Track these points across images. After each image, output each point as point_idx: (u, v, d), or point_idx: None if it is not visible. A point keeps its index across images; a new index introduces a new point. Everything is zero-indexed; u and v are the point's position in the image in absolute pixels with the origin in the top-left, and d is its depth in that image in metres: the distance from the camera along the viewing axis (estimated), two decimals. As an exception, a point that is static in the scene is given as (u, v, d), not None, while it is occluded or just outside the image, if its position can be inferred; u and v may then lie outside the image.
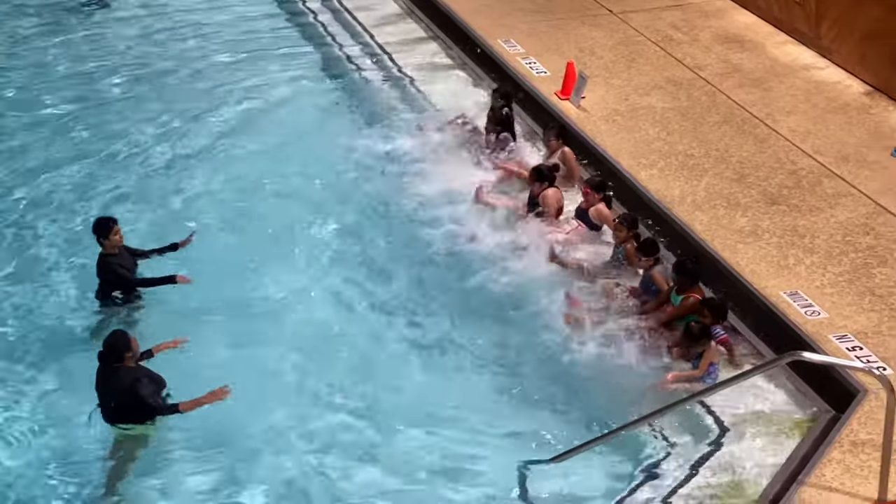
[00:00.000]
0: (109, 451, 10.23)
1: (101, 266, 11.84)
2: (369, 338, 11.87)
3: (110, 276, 11.80)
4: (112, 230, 11.75)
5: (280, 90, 17.14)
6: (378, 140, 15.45)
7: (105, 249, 11.81)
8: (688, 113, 15.03)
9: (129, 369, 10.06)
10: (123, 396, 10.02)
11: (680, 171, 13.63)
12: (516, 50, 16.90)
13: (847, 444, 9.44)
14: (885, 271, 11.64)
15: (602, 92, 15.57)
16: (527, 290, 12.37)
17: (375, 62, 17.89)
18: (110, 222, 11.86)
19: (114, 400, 10.11)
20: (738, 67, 16.23)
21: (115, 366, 10.05)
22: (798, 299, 11.23)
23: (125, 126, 16.03)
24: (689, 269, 11.44)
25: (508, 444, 10.36)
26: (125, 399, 10.03)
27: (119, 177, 14.74)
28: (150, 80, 17.54)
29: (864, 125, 14.57)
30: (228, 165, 15.06)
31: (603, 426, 10.31)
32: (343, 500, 9.84)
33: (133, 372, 10.08)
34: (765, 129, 14.53)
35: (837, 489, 8.97)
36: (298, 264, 12.94)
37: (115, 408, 10.15)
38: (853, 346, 10.55)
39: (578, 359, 11.31)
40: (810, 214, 12.68)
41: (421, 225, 13.64)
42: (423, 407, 10.84)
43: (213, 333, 11.62)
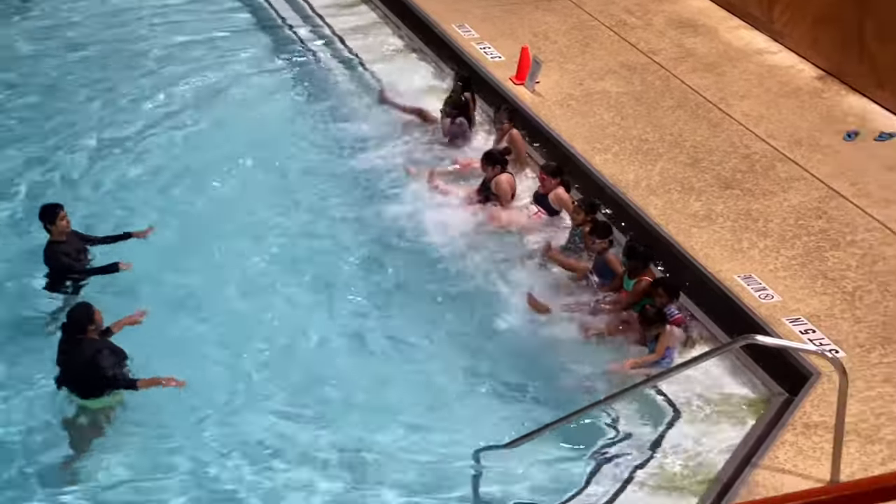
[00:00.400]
0: (68, 423, 10.31)
1: (48, 253, 11.76)
2: (321, 325, 11.84)
3: (54, 263, 11.71)
4: (58, 216, 11.65)
5: (232, 77, 17.03)
6: (332, 125, 15.40)
7: (52, 236, 11.72)
8: (642, 97, 15.06)
9: (91, 341, 10.13)
10: (84, 368, 10.10)
11: (634, 156, 13.65)
12: (471, 35, 16.87)
13: (800, 427, 9.50)
14: (837, 255, 11.71)
15: (556, 77, 15.57)
16: (480, 275, 12.37)
17: (328, 47, 17.80)
18: (56, 208, 11.77)
19: (75, 371, 10.18)
20: (692, 52, 16.28)
21: (78, 338, 10.09)
22: (752, 283, 11.28)
23: (67, 111, 15.91)
24: (641, 252, 11.45)
25: (463, 431, 10.34)
26: (86, 370, 10.11)
27: (59, 163, 14.64)
28: (93, 64, 17.37)
29: (816, 109, 14.65)
30: (175, 150, 15.00)
31: (559, 411, 10.31)
32: (289, 486, 9.82)
33: (95, 344, 10.14)
34: (718, 114, 14.58)
35: (790, 471, 9.02)
36: (247, 248, 12.92)
37: (77, 379, 10.21)
38: (806, 329, 10.60)
39: (533, 344, 11.33)
40: (764, 198, 12.73)
41: (375, 210, 13.62)
42: (375, 395, 10.81)
43: (167, 320, 11.54)
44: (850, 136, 13.89)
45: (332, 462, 10.05)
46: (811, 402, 9.75)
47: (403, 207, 13.43)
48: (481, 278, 12.39)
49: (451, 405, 10.71)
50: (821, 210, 12.48)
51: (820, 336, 10.50)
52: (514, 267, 12.40)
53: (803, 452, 9.21)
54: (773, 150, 13.68)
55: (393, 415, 10.54)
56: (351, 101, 16.18)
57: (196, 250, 12.79)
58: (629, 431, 10.17)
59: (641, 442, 9.97)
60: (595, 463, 9.84)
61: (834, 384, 8.99)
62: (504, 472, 9.83)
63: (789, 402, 9.95)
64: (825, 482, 8.84)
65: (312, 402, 10.75)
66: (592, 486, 9.54)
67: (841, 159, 13.46)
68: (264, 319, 11.80)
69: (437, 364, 11.27)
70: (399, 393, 10.85)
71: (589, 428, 10.23)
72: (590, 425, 10.25)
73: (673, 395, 10.42)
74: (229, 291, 12.24)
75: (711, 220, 12.35)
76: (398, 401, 10.73)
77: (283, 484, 9.84)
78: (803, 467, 9.04)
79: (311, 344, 11.55)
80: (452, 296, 12.21)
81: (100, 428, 10.31)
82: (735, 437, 9.74)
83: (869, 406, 9.61)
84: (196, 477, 9.91)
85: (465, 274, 12.49)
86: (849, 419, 9.00)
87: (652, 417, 10.27)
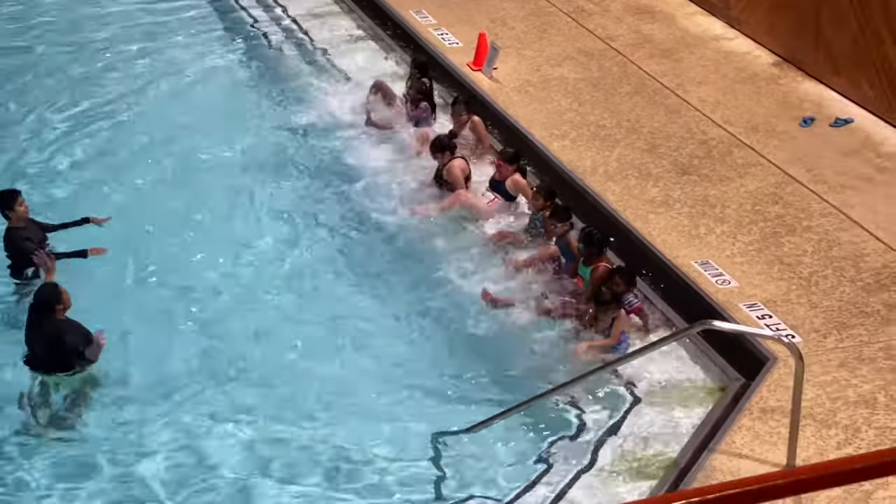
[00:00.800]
0: (35, 399, 10.42)
1: (7, 239, 11.67)
2: (288, 309, 11.85)
3: (13, 249, 11.62)
4: (16, 201, 11.57)
5: (190, 63, 16.92)
6: (293, 112, 15.35)
7: (11, 223, 11.64)
8: (599, 84, 15.06)
9: (58, 321, 10.27)
10: (55, 345, 10.26)
11: (592, 142, 13.66)
12: (428, 21, 16.82)
13: (757, 412, 9.53)
14: (793, 240, 11.77)
15: (514, 63, 15.55)
16: (438, 262, 12.35)
17: (286, 34, 17.71)
18: (14, 194, 11.70)
19: (44, 349, 10.34)
20: (649, 38, 16.30)
21: (47, 316, 10.25)
22: (709, 268, 11.31)
23: (24, 103, 15.72)
24: (598, 239, 11.44)
25: (422, 416, 10.32)
26: (55, 347, 10.27)
27: (20, 155, 14.48)
28: (52, 56, 17.18)
29: (772, 95, 14.71)
30: (137, 138, 14.88)
31: (517, 396, 10.31)
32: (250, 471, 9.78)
33: (62, 323, 10.30)
34: (675, 100, 14.61)
35: (747, 456, 9.05)
36: (216, 234, 12.91)
37: (45, 356, 10.36)
38: (763, 315, 10.65)
39: (491, 329, 11.33)
40: (720, 184, 12.77)
41: (343, 194, 13.64)
42: (332, 382, 10.78)
43: (136, 305, 11.64)
44: (805, 122, 13.96)
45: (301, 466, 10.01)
46: (768, 387, 9.79)
47: (383, 198, 13.38)
48: (437, 264, 12.36)
49: (405, 391, 10.67)
50: (777, 196, 12.53)
51: (776, 321, 10.55)
52: (471, 253, 12.37)
53: (760, 437, 9.25)
54: (730, 136, 13.72)
55: (349, 401, 10.51)
56: (304, 87, 16.07)
57: (159, 239, 12.76)
58: (587, 416, 10.17)
59: (599, 427, 9.98)
60: (553, 448, 9.84)
61: (790, 369, 9.03)
62: (462, 457, 9.81)
63: (746, 387, 9.99)
64: (781, 466, 8.88)
65: (265, 389, 10.74)
66: (550, 471, 9.53)
67: (797, 145, 13.52)
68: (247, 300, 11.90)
69: (390, 350, 11.24)
70: (352, 380, 10.81)
71: (547, 413, 10.24)
72: (548, 410, 10.26)
73: (630, 380, 10.44)
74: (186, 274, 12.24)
75: (669, 205, 12.37)
76: (353, 388, 10.69)
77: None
78: (760, 452, 9.08)
79: (272, 332, 11.50)
80: (408, 282, 12.18)
81: (73, 405, 10.42)
82: (692, 422, 9.78)
83: (825, 391, 9.66)
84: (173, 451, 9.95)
85: (421, 259, 12.45)
86: (805, 404, 9.06)
87: (610, 402, 10.28)
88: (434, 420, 10.20)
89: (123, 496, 9.51)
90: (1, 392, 10.53)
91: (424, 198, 13.29)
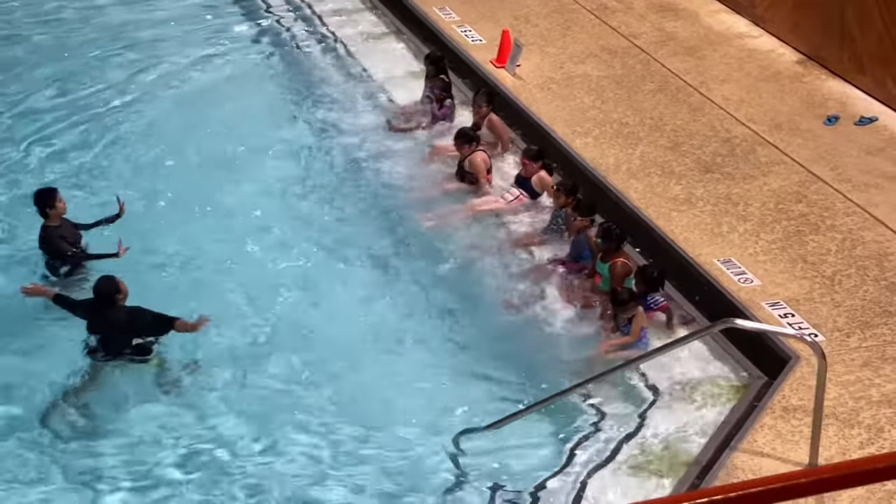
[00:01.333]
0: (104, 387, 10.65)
1: (43, 238, 11.75)
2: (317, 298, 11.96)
3: (50, 247, 11.71)
4: (56, 199, 11.65)
5: (216, 61, 16.96)
6: (315, 110, 15.41)
7: (48, 221, 11.71)
8: (622, 81, 15.04)
9: (123, 307, 10.58)
10: (126, 330, 10.61)
11: (615, 140, 13.65)
12: (451, 18, 16.82)
13: (779, 410, 9.52)
14: (816, 239, 11.73)
15: (537, 60, 15.54)
16: (459, 259, 12.38)
17: (310, 31, 17.74)
18: (53, 192, 11.75)
19: (117, 338, 10.64)
20: (673, 36, 16.26)
21: (111, 307, 10.50)
22: (731, 267, 11.29)
23: (53, 102, 15.80)
24: (616, 234, 11.41)
25: (443, 413, 10.34)
26: (127, 332, 10.62)
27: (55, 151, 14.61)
28: (74, 52, 17.23)
29: (797, 94, 14.65)
30: (168, 139, 14.92)
31: (538, 394, 10.32)
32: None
33: (126, 309, 10.60)
34: (699, 98, 14.58)
35: (769, 454, 9.04)
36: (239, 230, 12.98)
37: (119, 342, 10.66)
38: (785, 314, 10.62)
39: (512, 328, 11.33)
40: (744, 182, 12.74)
41: (365, 192, 13.70)
42: (352, 384, 10.81)
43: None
44: (830, 120, 13.91)
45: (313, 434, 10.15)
46: (790, 385, 9.78)
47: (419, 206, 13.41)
48: (461, 262, 12.37)
49: (429, 389, 10.69)
50: (801, 194, 12.49)
51: (799, 320, 10.52)
52: (494, 252, 12.38)
53: (782, 436, 9.23)
54: (754, 135, 13.68)
55: (372, 396, 10.55)
56: (328, 85, 16.10)
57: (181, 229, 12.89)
58: (608, 414, 10.18)
59: (620, 424, 9.98)
60: (574, 445, 9.85)
61: (813, 368, 9.02)
62: (483, 454, 9.83)
63: (768, 385, 9.98)
64: (804, 465, 8.88)
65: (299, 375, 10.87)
66: (571, 467, 9.55)
67: (821, 144, 13.47)
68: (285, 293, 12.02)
69: (415, 347, 11.27)
70: (377, 375, 10.84)
71: (568, 410, 10.25)
72: (569, 408, 10.27)
73: (652, 378, 10.44)
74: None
75: (691, 203, 12.35)
76: (376, 383, 10.72)
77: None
78: (782, 451, 9.07)
79: (304, 321, 11.63)
80: (433, 280, 12.19)
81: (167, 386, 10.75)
82: (714, 421, 9.76)
83: (847, 390, 9.64)
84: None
85: (445, 258, 12.47)
86: (827, 403, 9.05)
87: (631, 400, 10.28)
88: (456, 417, 10.22)
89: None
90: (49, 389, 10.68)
91: (444, 199, 13.29)
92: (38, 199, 11.72)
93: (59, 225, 11.72)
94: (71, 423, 10.31)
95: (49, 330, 11.21)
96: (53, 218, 11.68)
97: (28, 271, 11.94)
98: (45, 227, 11.73)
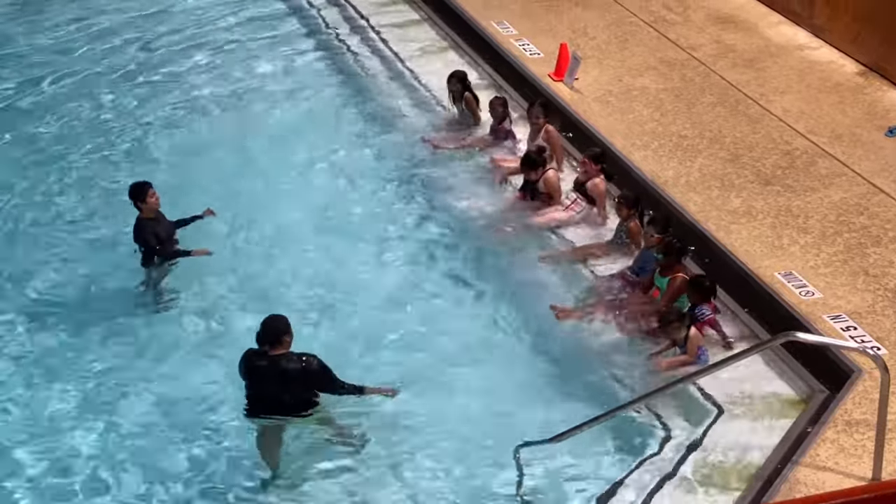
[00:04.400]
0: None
1: (137, 229, 12.14)
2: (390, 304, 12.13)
3: (137, 237, 12.10)
4: (148, 193, 11.98)
5: (278, 77, 17.19)
6: (371, 125, 15.56)
7: (142, 214, 12.06)
8: (681, 94, 15.02)
9: (289, 354, 9.69)
10: (299, 383, 9.73)
11: (674, 153, 13.62)
12: (509, 32, 16.87)
13: (841, 424, 9.46)
14: (878, 251, 11.65)
15: (595, 73, 15.55)
16: (517, 271, 12.44)
17: (367, 44, 17.86)
18: (145, 186, 12.08)
19: (284, 390, 9.73)
20: (732, 48, 16.21)
21: (277, 352, 9.64)
22: (792, 280, 11.23)
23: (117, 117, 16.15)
24: (678, 248, 11.37)
25: (508, 425, 10.36)
26: (302, 386, 9.76)
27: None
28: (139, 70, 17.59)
29: (857, 105, 14.56)
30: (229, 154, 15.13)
31: (600, 407, 10.31)
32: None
33: (293, 356, 9.70)
34: (758, 110, 14.52)
35: (832, 469, 8.99)
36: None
37: (287, 398, 9.80)
38: (847, 327, 10.56)
39: (571, 341, 11.34)
40: (804, 194, 12.68)
41: (423, 207, 13.84)
42: (419, 392, 10.85)
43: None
44: (892, 131, 13.80)
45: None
46: (852, 399, 9.72)
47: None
48: (518, 273, 12.40)
49: (488, 403, 10.72)
50: (862, 206, 12.41)
51: (861, 333, 10.46)
52: (549, 264, 12.41)
53: (845, 450, 9.18)
54: (814, 146, 13.61)
55: (432, 413, 10.60)
56: (388, 100, 16.22)
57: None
58: (670, 428, 10.16)
59: (683, 438, 9.97)
60: (637, 458, 9.85)
61: (875, 381, 8.96)
62: (546, 466, 9.85)
63: (830, 399, 9.92)
64: (867, 480, 8.82)
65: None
66: (634, 480, 9.55)
67: (883, 155, 13.37)
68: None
69: (476, 361, 11.30)
70: (434, 396, 10.89)
71: (630, 424, 10.25)
72: (631, 422, 10.27)
73: (713, 392, 10.40)
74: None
75: (751, 216, 12.30)
76: (437, 405, 10.77)
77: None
78: (845, 465, 9.01)
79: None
80: (485, 292, 12.24)
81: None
82: (776, 435, 9.72)
83: (911, 404, 9.56)
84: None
85: (500, 268, 12.50)
86: (891, 417, 8.98)
87: (693, 414, 10.25)
88: (517, 430, 10.24)
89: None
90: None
91: (511, 214, 13.34)
92: (131, 193, 12.10)
93: (152, 218, 12.08)
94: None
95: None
96: (146, 211, 12.04)
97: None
98: (138, 220, 12.11)
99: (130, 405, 10.78)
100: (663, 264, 11.36)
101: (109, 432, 10.46)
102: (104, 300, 12.20)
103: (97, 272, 12.61)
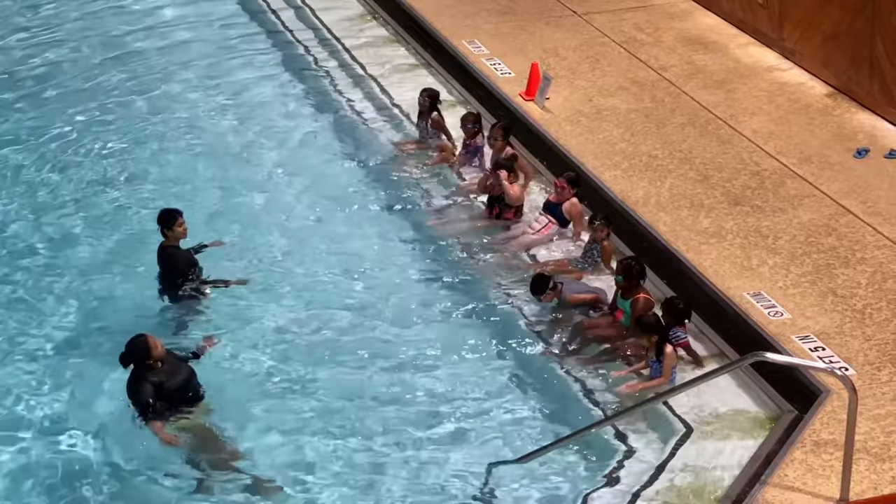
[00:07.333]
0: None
1: (161, 256, 12.03)
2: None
3: (162, 267, 12.01)
4: (176, 222, 11.88)
5: (237, 89, 17.27)
6: (341, 142, 15.55)
7: (167, 241, 11.96)
8: (651, 114, 15.06)
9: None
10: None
11: (644, 173, 13.65)
12: (481, 51, 16.89)
13: (810, 445, 9.47)
14: (847, 272, 11.69)
15: (566, 93, 15.58)
16: (488, 291, 12.40)
17: (337, 63, 17.85)
18: (175, 213, 11.97)
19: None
20: (702, 69, 16.27)
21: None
22: (761, 300, 11.26)
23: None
24: (637, 270, 11.36)
25: (475, 445, 10.34)
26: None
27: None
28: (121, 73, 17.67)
29: (826, 126, 14.63)
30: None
31: (568, 428, 10.30)
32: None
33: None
34: (728, 131, 14.57)
35: (800, 489, 9.00)
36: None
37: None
38: (815, 347, 10.58)
39: (544, 362, 11.33)
40: (773, 215, 12.72)
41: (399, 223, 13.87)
42: (386, 409, 10.83)
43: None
44: (860, 153, 13.87)
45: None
46: (821, 419, 9.73)
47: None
48: (489, 294, 12.41)
49: (458, 419, 10.69)
50: (830, 227, 12.46)
51: (829, 354, 10.48)
52: (521, 281, 12.41)
53: (813, 470, 9.19)
54: (783, 167, 13.66)
55: (402, 425, 10.60)
56: (353, 116, 16.24)
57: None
58: (638, 448, 10.15)
59: (651, 458, 9.97)
60: (605, 479, 9.84)
61: (843, 402, 8.97)
62: (514, 486, 9.82)
63: (799, 419, 9.93)
64: (835, 500, 8.83)
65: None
66: (603, 501, 9.51)
67: (851, 176, 13.43)
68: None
69: (443, 376, 11.28)
70: (403, 408, 10.88)
71: (598, 444, 10.23)
72: (599, 441, 10.25)
73: (682, 412, 10.41)
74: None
75: (721, 236, 12.33)
76: (405, 414, 10.75)
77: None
78: (813, 485, 9.02)
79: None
80: (462, 311, 12.22)
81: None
82: (744, 455, 9.72)
83: (879, 424, 9.59)
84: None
85: (473, 287, 12.51)
86: (858, 437, 9.00)
87: (661, 434, 10.25)
88: (486, 449, 10.22)
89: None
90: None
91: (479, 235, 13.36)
92: (159, 219, 12.01)
93: (176, 247, 12.00)
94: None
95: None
96: (171, 239, 11.94)
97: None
98: (162, 247, 12.01)
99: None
100: (624, 286, 11.35)
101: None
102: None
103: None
